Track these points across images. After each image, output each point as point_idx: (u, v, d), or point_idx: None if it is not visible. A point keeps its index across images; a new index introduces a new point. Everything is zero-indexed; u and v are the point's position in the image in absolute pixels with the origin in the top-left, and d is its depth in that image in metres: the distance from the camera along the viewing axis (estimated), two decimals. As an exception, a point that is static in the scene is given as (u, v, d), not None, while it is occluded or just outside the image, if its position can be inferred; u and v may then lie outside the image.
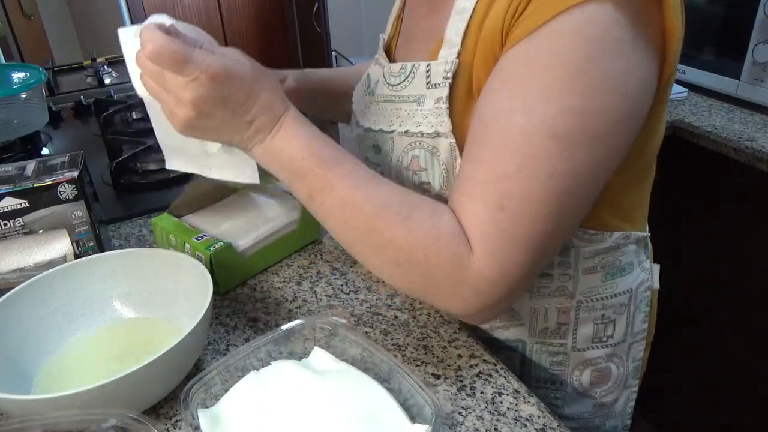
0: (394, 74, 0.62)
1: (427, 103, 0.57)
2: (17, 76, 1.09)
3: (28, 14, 2.63)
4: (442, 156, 0.57)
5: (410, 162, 0.60)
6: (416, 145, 0.59)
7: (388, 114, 0.62)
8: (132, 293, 0.64)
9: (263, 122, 0.53)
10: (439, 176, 0.59)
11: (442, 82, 0.56)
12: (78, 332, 0.61)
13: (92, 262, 0.63)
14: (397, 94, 0.61)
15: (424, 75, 0.58)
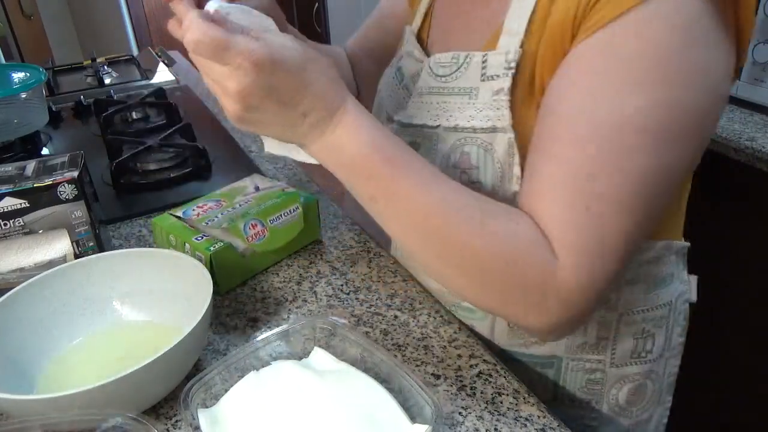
0: (444, 64, 0.57)
1: (482, 96, 0.54)
2: (17, 76, 1.09)
3: (28, 14, 2.63)
4: (497, 153, 0.53)
5: (459, 159, 0.55)
6: (467, 141, 0.55)
7: (433, 108, 0.58)
8: (132, 293, 0.64)
9: (319, 115, 0.48)
10: (492, 175, 0.54)
11: (503, 73, 0.52)
12: (78, 332, 0.61)
13: (92, 262, 0.63)
14: (446, 86, 0.57)
15: (479, 66, 0.54)
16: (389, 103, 0.67)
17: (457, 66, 0.56)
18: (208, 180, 0.98)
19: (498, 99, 0.52)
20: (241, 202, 0.74)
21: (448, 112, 0.56)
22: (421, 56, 0.63)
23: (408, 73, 0.64)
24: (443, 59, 0.58)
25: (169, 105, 1.23)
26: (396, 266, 0.74)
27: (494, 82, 0.53)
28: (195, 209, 0.73)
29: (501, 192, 0.54)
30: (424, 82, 0.59)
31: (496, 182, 0.54)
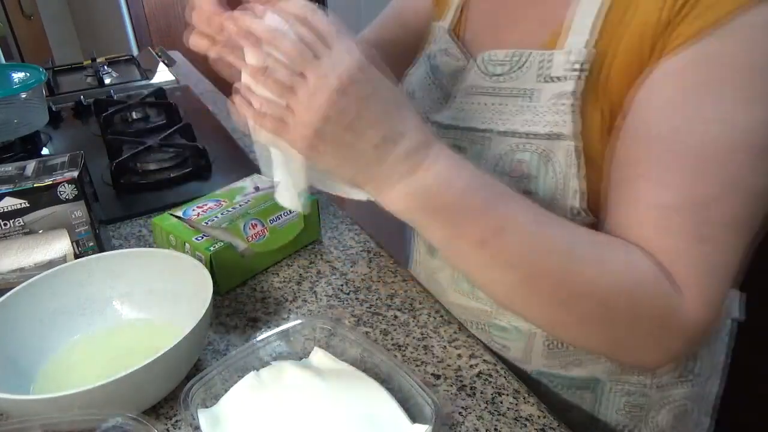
0: (499, 62, 0.52)
1: (542, 99, 0.49)
2: (17, 76, 1.09)
3: (28, 14, 2.63)
4: (556, 162, 0.49)
5: (512, 167, 0.51)
6: (522, 148, 0.50)
7: (482, 109, 0.53)
8: (132, 293, 0.64)
9: (414, 143, 0.40)
10: (548, 186, 0.50)
11: (568, 75, 0.48)
12: (78, 332, 0.61)
13: (92, 262, 0.63)
14: (500, 86, 0.52)
15: (539, 66, 0.49)
16: (424, 103, 0.62)
17: (514, 65, 0.51)
18: (208, 180, 0.98)
19: (561, 103, 0.48)
20: (241, 202, 0.74)
21: (501, 115, 0.52)
22: (459, 54, 0.59)
23: (446, 72, 0.60)
24: (498, 57, 0.53)
25: (169, 105, 1.23)
26: (396, 266, 0.74)
27: (557, 84, 0.48)
28: (195, 209, 0.73)
29: (557, 206, 0.50)
30: (473, 81, 0.55)
31: (551, 194, 0.50)
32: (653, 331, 0.43)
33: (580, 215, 0.49)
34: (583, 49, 0.47)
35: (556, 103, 0.48)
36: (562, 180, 0.49)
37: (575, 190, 0.48)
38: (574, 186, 0.48)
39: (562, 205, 0.49)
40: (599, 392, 0.60)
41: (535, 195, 0.50)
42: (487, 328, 0.64)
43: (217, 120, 1.26)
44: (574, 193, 0.49)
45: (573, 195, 0.49)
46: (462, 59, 0.59)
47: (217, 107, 1.35)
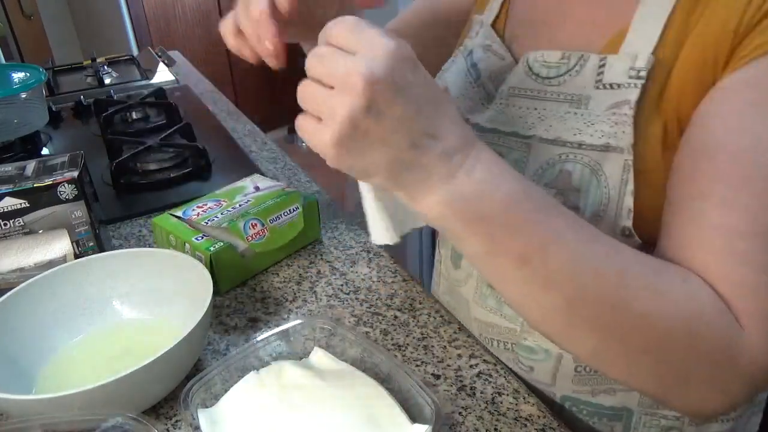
0: (549, 64, 0.49)
1: (595, 106, 0.46)
2: (17, 76, 1.09)
3: (28, 14, 2.63)
4: (607, 176, 0.45)
5: (557, 178, 0.47)
6: (570, 158, 0.46)
7: (527, 114, 0.50)
8: (132, 293, 0.64)
9: (455, 142, 0.36)
10: (595, 201, 0.45)
11: (629, 83, 0.44)
12: (78, 332, 0.61)
13: (92, 262, 0.63)
14: (548, 89, 0.49)
15: (595, 71, 0.46)
16: (464, 103, 0.58)
17: (566, 68, 0.48)
18: (208, 180, 0.98)
19: (618, 113, 0.44)
20: (241, 202, 0.74)
21: (548, 121, 0.48)
22: (503, 51, 0.55)
23: (487, 70, 0.56)
24: (549, 58, 0.49)
25: (169, 105, 1.23)
26: (396, 266, 0.74)
27: (615, 92, 0.45)
28: (195, 209, 0.73)
29: (604, 224, 0.46)
30: (518, 83, 0.51)
31: (599, 210, 0.46)
32: (712, 371, 0.38)
33: (630, 236, 0.45)
34: (649, 55, 0.43)
35: (614, 112, 0.44)
36: (614, 196, 0.45)
37: (628, 209, 0.45)
38: (627, 204, 0.44)
39: (610, 224, 0.45)
40: (630, 424, 0.56)
41: (581, 211, 0.46)
42: (512, 348, 0.60)
43: (217, 120, 1.26)
44: (625, 211, 0.45)
45: (626, 214, 0.45)
46: (507, 57, 0.55)
47: (217, 107, 1.35)
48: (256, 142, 1.15)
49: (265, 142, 1.15)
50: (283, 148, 1.12)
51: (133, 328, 0.62)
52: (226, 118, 1.28)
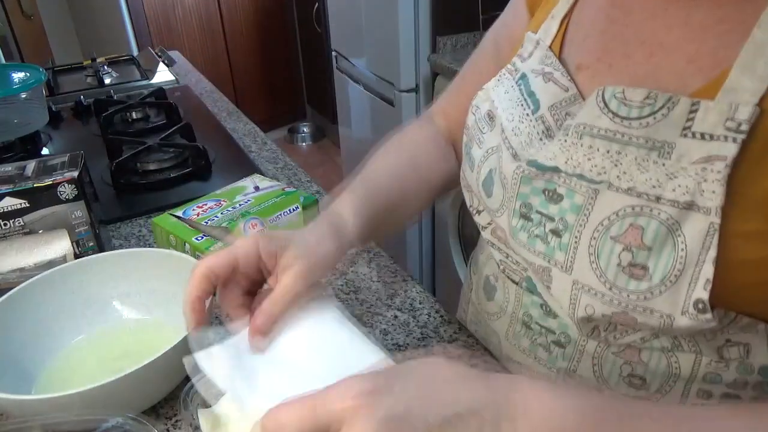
0: (632, 103, 0.42)
1: (681, 158, 0.40)
2: (17, 76, 1.09)
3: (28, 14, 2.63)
4: (687, 238, 0.39)
5: (625, 232, 0.41)
6: (644, 212, 0.41)
7: (597, 156, 0.44)
8: (132, 293, 0.64)
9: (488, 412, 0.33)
10: (669, 264, 0.40)
11: (725, 135, 0.38)
12: (78, 332, 0.61)
13: (92, 262, 0.63)
14: (627, 131, 0.42)
15: (684, 117, 0.40)
16: (517, 137, 0.51)
17: (651, 110, 0.41)
18: (208, 180, 0.98)
19: (708, 168, 0.38)
20: (241, 202, 0.74)
21: (622, 167, 0.42)
22: (566, 81, 0.49)
23: (547, 101, 0.50)
24: (631, 96, 0.43)
25: (169, 105, 1.23)
26: (396, 266, 0.74)
27: (706, 143, 0.39)
28: (195, 209, 0.73)
29: (673, 292, 0.40)
30: (590, 120, 0.45)
31: (671, 276, 0.40)
32: None
33: (704, 311, 0.40)
34: (754, 106, 0.37)
35: (704, 168, 0.39)
36: (691, 262, 0.39)
37: (706, 279, 0.39)
38: (706, 273, 0.39)
39: (683, 295, 0.40)
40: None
41: (647, 272, 0.41)
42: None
43: (217, 120, 1.26)
44: (702, 281, 0.39)
45: (700, 283, 0.39)
46: (571, 89, 0.49)
47: (217, 107, 1.35)
48: (256, 142, 1.15)
49: (265, 142, 1.15)
50: (283, 148, 1.12)
51: (133, 328, 0.62)
52: (226, 118, 1.28)
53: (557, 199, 0.46)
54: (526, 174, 0.48)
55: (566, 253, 0.45)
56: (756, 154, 0.38)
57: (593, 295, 0.44)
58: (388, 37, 1.73)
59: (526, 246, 0.48)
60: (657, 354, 0.46)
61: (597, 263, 0.43)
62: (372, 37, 1.90)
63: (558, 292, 0.47)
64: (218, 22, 3.17)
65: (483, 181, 0.54)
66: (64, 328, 0.61)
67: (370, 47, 1.94)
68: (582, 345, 0.50)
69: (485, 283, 0.61)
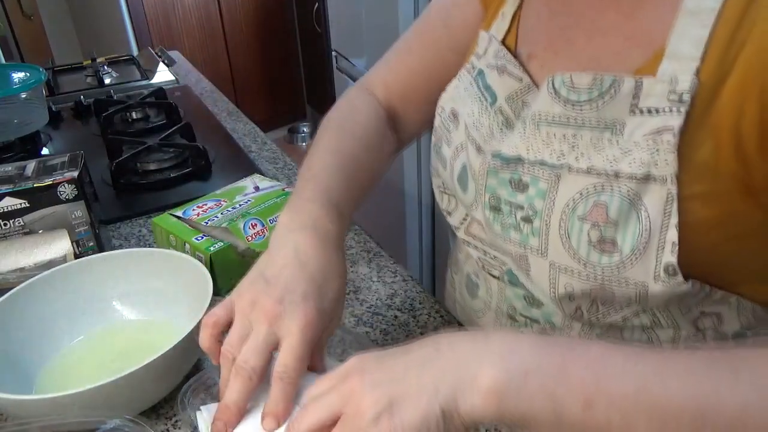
0: (580, 88, 0.45)
1: (632, 133, 0.42)
2: (17, 76, 1.09)
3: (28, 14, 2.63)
4: (648, 208, 0.41)
5: (590, 210, 0.43)
6: (605, 189, 0.43)
7: (555, 141, 0.46)
8: (132, 293, 0.64)
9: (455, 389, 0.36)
10: (634, 235, 0.42)
11: (670, 108, 0.40)
12: (78, 332, 0.61)
13: (92, 262, 0.63)
14: (579, 115, 0.45)
15: (630, 95, 0.42)
16: (478, 130, 0.54)
17: (599, 92, 0.44)
18: (208, 180, 0.98)
19: (659, 140, 0.41)
20: (241, 202, 0.74)
21: (579, 149, 0.45)
22: (519, 72, 0.52)
23: (504, 93, 0.52)
24: (579, 81, 0.45)
25: (169, 105, 1.23)
26: (396, 266, 0.74)
27: (654, 117, 0.41)
28: (195, 209, 0.73)
29: (643, 261, 0.42)
30: (543, 108, 0.47)
31: (639, 246, 0.42)
32: None
33: (674, 274, 0.42)
34: (693, 77, 0.40)
35: (655, 140, 0.41)
36: (656, 230, 0.41)
37: (672, 243, 0.41)
38: (671, 237, 0.41)
39: (653, 260, 0.42)
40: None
41: (616, 245, 0.43)
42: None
43: (217, 120, 1.26)
44: (669, 246, 0.41)
45: (667, 248, 0.42)
46: (524, 79, 0.51)
47: (217, 107, 1.35)
48: (256, 142, 1.15)
49: (265, 142, 1.15)
50: (283, 148, 1.12)
51: (133, 328, 0.62)
52: (226, 118, 1.28)
53: (523, 188, 0.48)
54: (492, 167, 0.50)
55: (539, 237, 0.47)
56: (697, 121, 0.40)
57: (570, 274, 0.46)
58: (388, 37, 1.73)
59: (502, 236, 0.50)
60: (638, 332, 0.49)
61: (569, 243, 0.44)
62: (372, 37, 1.90)
63: (537, 277, 0.49)
64: (218, 22, 3.17)
65: (458, 177, 0.56)
66: (63, 328, 0.61)
67: (370, 47, 1.94)
68: (567, 330, 0.52)
69: (467, 282, 0.63)
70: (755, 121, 0.39)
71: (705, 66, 0.40)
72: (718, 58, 0.40)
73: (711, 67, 0.40)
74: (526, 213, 0.47)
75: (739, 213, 0.42)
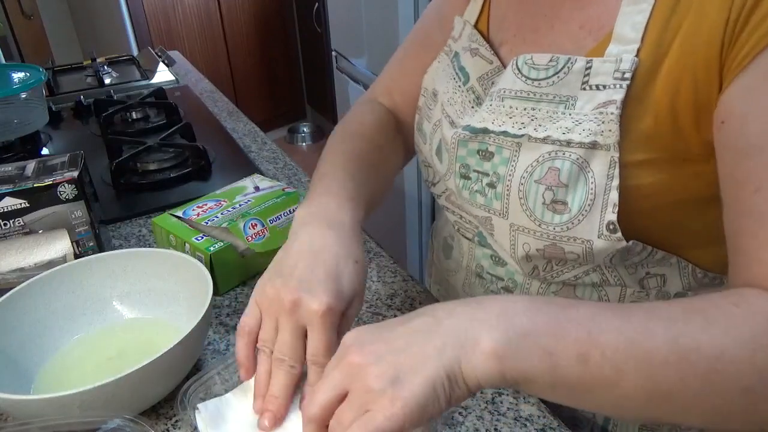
0: (539, 67, 0.50)
1: (582, 106, 0.48)
2: (17, 76, 1.09)
3: (28, 14, 2.63)
4: (593, 172, 0.47)
5: (545, 174, 0.49)
6: (558, 155, 0.48)
7: (517, 114, 0.51)
8: (132, 293, 0.64)
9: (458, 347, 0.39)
10: (583, 196, 0.47)
11: (614, 84, 0.46)
12: (78, 332, 0.61)
13: (92, 262, 0.63)
14: (538, 90, 0.50)
15: (581, 73, 0.48)
16: (452, 106, 0.59)
17: (555, 70, 0.49)
18: (208, 180, 0.98)
19: (605, 112, 0.46)
20: (241, 202, 0.74)
21: (537, 121, 0.50)
22: (489, 55, 0.57)
23: (476, 74, 0.58)
24: (538, 61, 0.50)
25: (169, 105, 1.23)
26: (396, 266, 0.74)
27: (601, 92, 0.47)
28: (195, 209, 0.73)
29: (589, 219, 0.48)
30: (508, 85, 0.52)
31: (584, 205, 0.48)
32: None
33: (614, 230, 0.47)
34: (633, 57, 0.45)
35: (601, 111, 0.46)
36: (600, 191, 0.47)
37: (613, 203, 0.47)
38: (613, 198, 0.47)
39: (597, 220, 0.47)
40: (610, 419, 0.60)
41: (566, 205, 0.48)
42: None
43: (217, 120, 1.26)
44: (611, 206, 0.47)
45: (609, 208, 0.47)
46: (495, 61, 0.57)
47: (217, 107, 1.35)
48: (256, 142, 1.15)
49: (265, 142, 1.15)
50: (283, 148, 1.12)
51: (133, 328, 0.62)
52: (226, 118, 1.28)
53: (489, 157, 0.53)
54: (462, 138, 0.55)
55: (501, 201, 0.52)
56: (638, 96, 0.46)
57: (527, 234, 0.51)
58: (388, 37, 1.73)
59: (469, 201, 0.55)
60: (589, 289, 0.55)
61: (527, 205, 0.50)
62: (372, 37, 1.90)
63: (500, 237, 0.55)
64: (218, 22, 3.17)
65: (435, 150, 0.61)
66: (63, 328, 0.61)
67: (370, 47, 1.94)
68: (527, 287, 0.58)
69: (444, 245, 0.69)
70: (690, 100, 0.44)
71: (644, 47, 0.45)
72: (655, 40, 0.45)
73: (649, 49, 0.45)
74: (491, 179, 0.53)
75: (676, 181, 0.47)
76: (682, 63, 0.44)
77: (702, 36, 0.42)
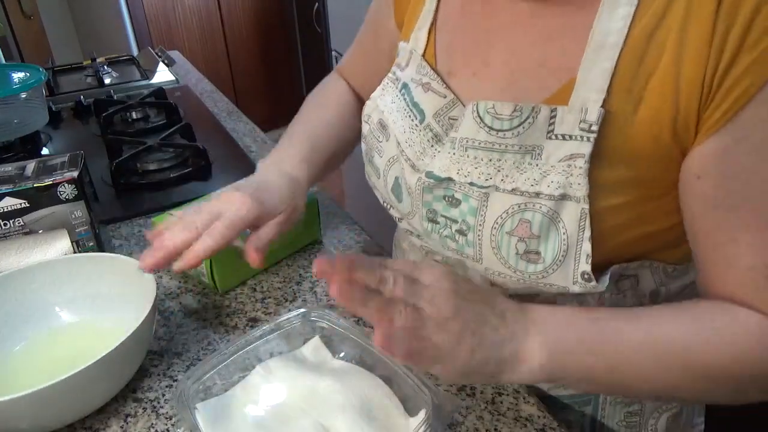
0: (503, 117, 0.48)
1: (548, 157, 0.46)
2: (17, 76, 1.09)
3: (28, 14, 2.63)
4: (566, 223, 0.46)
5: (516, 227, 0.47)
6: (528, 207, 0.47)
7: (482, 165, 0.49)
8: (76, 298, 0.63)
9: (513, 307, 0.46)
10: (555, 247, 0.47)
11: (580, 136, 0.44)
12: (21, 339, 0.60)
13: (34, 270, 0.62)
14: (503, 141, 0.48)
15: (546, 122, 0.46)
16: (411, 147, 0.56)
17: (519, 120, 0.47)
18: (208, 180, 0.98)
19: (573, 165, 0.45)
20: (241, 202, 0.74)
21: (504, 172, 0.48)
22: (443, 89, 0.54)
23: (430, 110, 0.55)
24: (501, 111, 0.48)
25: (169, 105, 1.23)
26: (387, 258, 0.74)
27: (567, 143, 0.45)
28: (195, 209, 0.73)
29: (563, 269, 0.47)
30: (470, 134, 0.50)
31: (558, 255, 0.47)
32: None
33: (589, 280, 0.47)
34: (599, 108, 0.43)
35: (569, 164, 0.45)
36: (573, 242, 0.46)
37: (586, 254, 0.46)
38: (586, 249, 0.46)
39: (571, 269, 0.47)
40: (598, 405, 0.62)
41: (540, 256, 0.47)
42: None
43: (217, 120, 1.26)
44: (584, 257, 0.47)
45: (582, 258, 0.47)
46: (448, 95, 0.54)
47: (217, 107, 1.35)
48: (256, 142, 1.15)
49: (265, 142, 1.15)
50: (283, 148, 1.12)
51: (76, 333, 0.61)
52: (226, 118, 1.28)
53: (456, 204, 0.51)
54: (426, 185, 0.52)
55: (474, 248, 0.51)
56: (606, 150, 0.44)
57: (504, 278, 0.51)
58: (388, 37, 1.73)
59: (440, 243, 0.54)
60: (570, 297, 0.55)
61: (500, 254, 0.49)
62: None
63: (475, 276, 0.55)
64: (218, 22, 3.17)
65: (392, 188, 0.59)
66: (5, 335, 0.59)
67: (370, 47, 1.94)
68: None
69: (404, 248, 0.69)
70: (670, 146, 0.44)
71: (613, 97, 0.43)
72: (625, 88, 0.43)
73: (619, 98, 0.43)
74: (461, 226, 0.51)
75: (647, 215, 0.48)
76: (660, 112, 0.43)
77: (682, 91, 0.42)
